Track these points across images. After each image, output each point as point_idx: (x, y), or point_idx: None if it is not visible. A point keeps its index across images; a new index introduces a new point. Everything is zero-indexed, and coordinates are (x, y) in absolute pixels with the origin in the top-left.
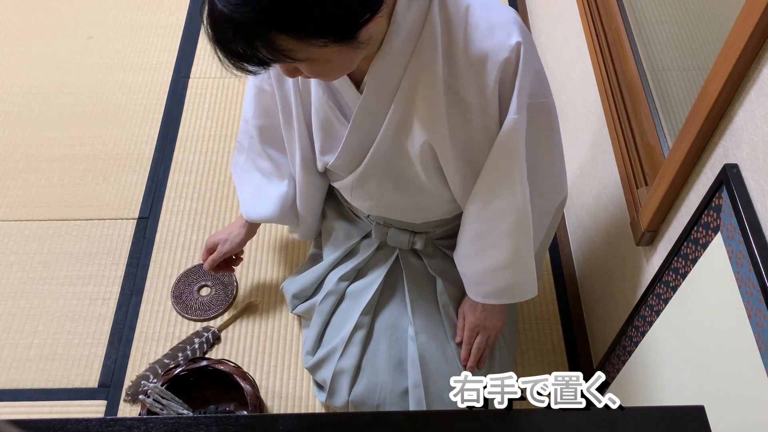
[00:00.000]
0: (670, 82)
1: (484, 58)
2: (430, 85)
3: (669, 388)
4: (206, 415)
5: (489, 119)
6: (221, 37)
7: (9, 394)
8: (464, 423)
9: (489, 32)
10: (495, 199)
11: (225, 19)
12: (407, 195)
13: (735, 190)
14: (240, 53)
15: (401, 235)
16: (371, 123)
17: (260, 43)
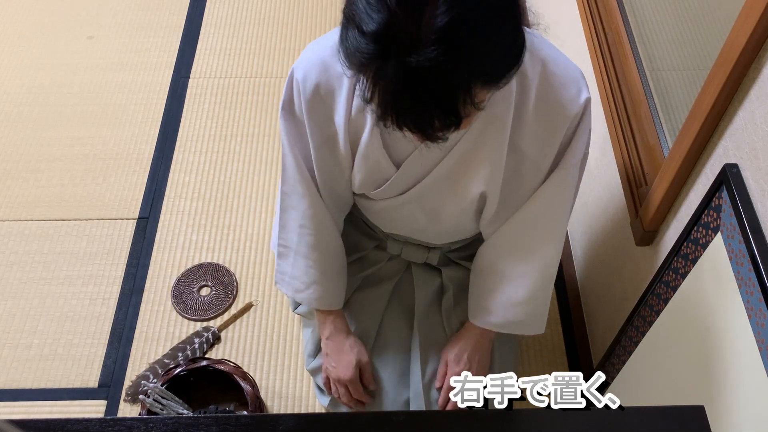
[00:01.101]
0: (670, 82)
1: (555, 113)
2: (498, 137)
3: (669, 388)
4: (206, 415)
5: (540, 171)
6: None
7: (9, 394)
8: (464, 423)
9: (561, 88)
10: (533, 243)
11: (433, 78)
12: (435, 223)
13: (735, 190)
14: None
15: (417, 251)
16: (421, 166)
17: (462, 98)
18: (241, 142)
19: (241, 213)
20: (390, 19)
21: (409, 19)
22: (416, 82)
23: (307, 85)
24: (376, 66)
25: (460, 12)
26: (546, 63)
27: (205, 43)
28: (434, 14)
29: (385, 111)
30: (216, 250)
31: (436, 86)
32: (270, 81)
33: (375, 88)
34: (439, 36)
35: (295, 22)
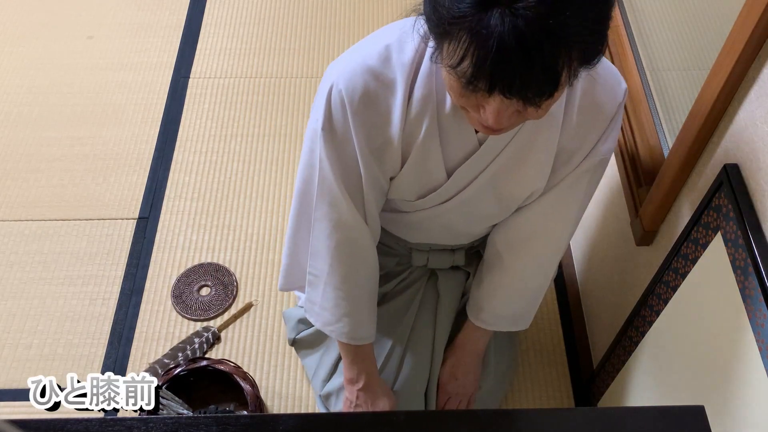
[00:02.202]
0: (670, 82)
1: (598, 106)
2: (550, 137)
3: (669, 388)
4: (206, 415)
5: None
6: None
7: (9, 394)
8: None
9: (603, 83)
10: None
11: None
12: (472, 227)
13: (735, 190)
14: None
15: (443, 256)
16: (472, 172)
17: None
18: (241, 142)
19: (241, 213)
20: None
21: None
22: (520, 36)
23: (356, 95)
24: (474, 19)
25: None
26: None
27: (205, 43)
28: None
29: (479, 69)
30: (216, 250)
31: (541, 40)
32: (270, 81)
33: (470, 45)
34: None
35: (295, 22)
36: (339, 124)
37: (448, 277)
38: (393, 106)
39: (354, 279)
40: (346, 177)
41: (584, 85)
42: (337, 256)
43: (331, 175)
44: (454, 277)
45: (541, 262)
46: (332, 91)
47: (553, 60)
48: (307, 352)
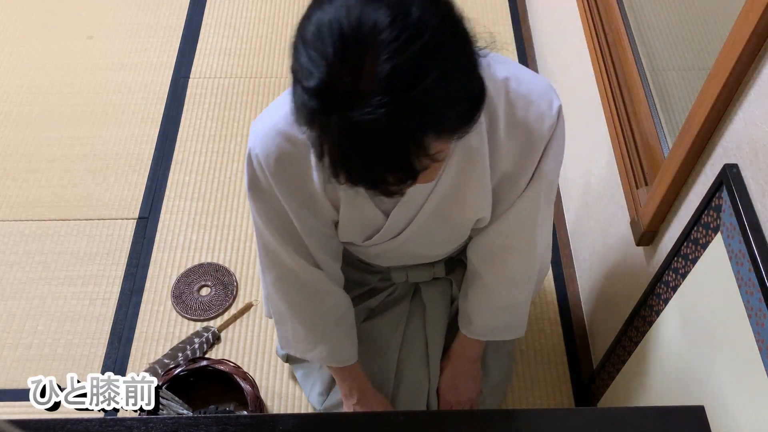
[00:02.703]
0: (670, 82)
1: (527, 130)
2: (478, 170)
3: (669, 388)
4: (206, 415)
5: (519, 186)
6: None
7: (9, 394)
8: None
9: (529, 105)
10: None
11: (377, 133)
12: (433, 250)
13: (735, 190)
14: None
15: (422, 270)
16: (411, 210)
17: (414, 151)
18: (241, 142)
19: (241, 213)
20: (329, 71)
21: (348, 70)
22: (362, 138)
23: (270, 159)
24: (320, 122)
25: (405, 59)
26: (508, 83)
27: (205, 43)
28: (375, 63)
29: (335, 168)
30: (216, 250)
31: (384, 142)
32: (270, 81)
33: (324, 146)
34: (380, 87)
35: (295, 22)
36: (262, 183)
37: (432, 288)
38: (309, 163)
39: (314, 316)
40: (281, 229)
41: (506, 110)
42: (289, 300)
43: (265, 230)
44: (439, 288)
45: (514, 277)
46: (250, 155)
47: (399, 157)
48: (301, 366)
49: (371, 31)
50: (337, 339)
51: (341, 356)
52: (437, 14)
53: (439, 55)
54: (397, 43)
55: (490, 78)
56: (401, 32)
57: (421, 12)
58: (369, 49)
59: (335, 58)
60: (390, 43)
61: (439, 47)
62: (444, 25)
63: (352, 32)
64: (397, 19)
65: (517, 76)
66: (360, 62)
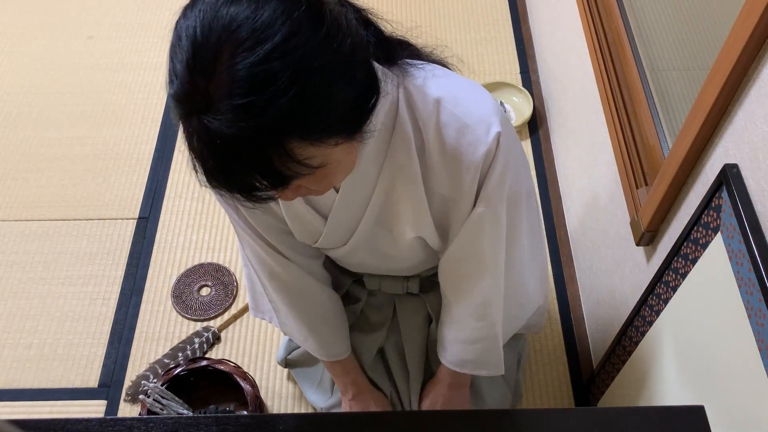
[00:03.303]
0: (670, 82)
1: (459, 156)
2: (410, 186)
3: (669, 388)
4: (206, 415)
5: (461, 211)
6: (225, 164)
7: (9, 394)
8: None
9: (464, 129)
10: (463, 282)
11: (233, 138)
12: (392, 263)
13: (735, 190)
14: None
15: (395, 282)
16: (349, 218)
17: (277, 157)
18: None
19: None
20: (184, 76)
21: (201, 75)
22: (220, 143)
23: None
24: (184, 128)
25: (256, 61)
26: (442, 104)
27: None
28: (227, 67)
29: (205, 175)
30: (216, 250)
31: (241, 146)
32: None
33: (191, 153)
34: (232, 91)
35: None
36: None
37: (406, 303)
38: None
39: (299, 307)
40: (247, 222)
41: (435, 130)
42: (274, 292)
43: (236, 224)
44: (412, 304)
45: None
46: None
47: (261, 163)
48: (300, 370)
49: (221, 36)
50: (325, 333)
51: (330, 351)
52: (295, 13)
53: (294, 56)
54: (248, 44)
55: (422, 95)
56: (251, 34)
57: (273, 12)
58: (220, 53)
59: (189, 62)
60: (240, 45)
61: (294, 48)
62: (303, 25)
63: (204, 37)
64: (248, 21)
65: (454, 96)
66: (212, 67)
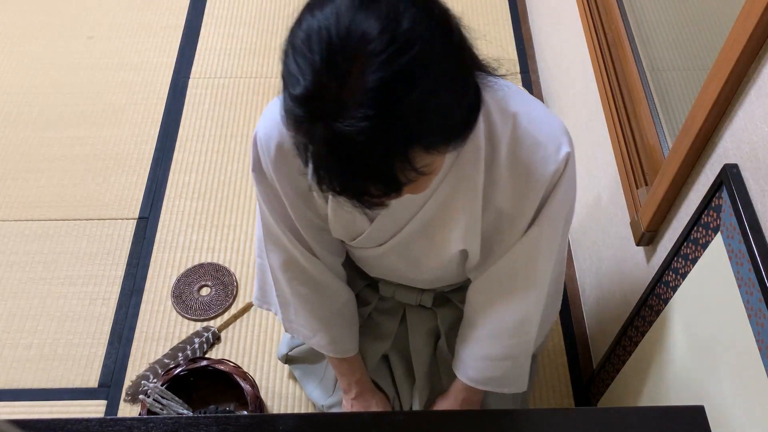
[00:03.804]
0: (670, 82)
1: (529, 173)
2: (469, 197)
3: (669, 388)
4: (206, 415)
5: (517, 227)
6: (347, 169)
7: (9, 394)
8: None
9: (535, 146)
10: (509, 298)
11: (361, 145)
12: (418, 273)
13: (735, 190)
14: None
15: (409, 293)
16: (396, 221)
17: (399, 165)
18: (241, 142)
19: (241, 213)
20: (315, 79)
21: (334, 79)
22: (346, 148)
23: (271, 145)
24: (305, 129)
25: (392, 72)
26: (517, 119)
27: (205, 43)
28: (362, 74)
29: (318, 176)
30: (216, 250)
31: (368, 153)
32: (270, 81)
33: (308, 153)
34: (366, 99)
35: None
36: (263, 167)
37: (417, 313)
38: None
39: (315, 303)
40: (282, 215)
41: (509, 145)
42: (293, 285)
43: (267, 214)
44: (422, 315)
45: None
46: (255, 138)
47: (383, 169)
48: (300, 366)
49: (360, 41)
50: (338, 328)
51: (340, 347)
52: (430, 25)
53: (428, 68)
54: (385, 55)
55: (499, 109)
56: (390, 44)
57: (412, 23)
58: (356, 59)
59: (322, 66)
60: (378, 54)
61: (428, 61)
62: (435, 37)
63: (340, 41)
64: (386, 29)
65: (528, 113)
66: (347, 72)
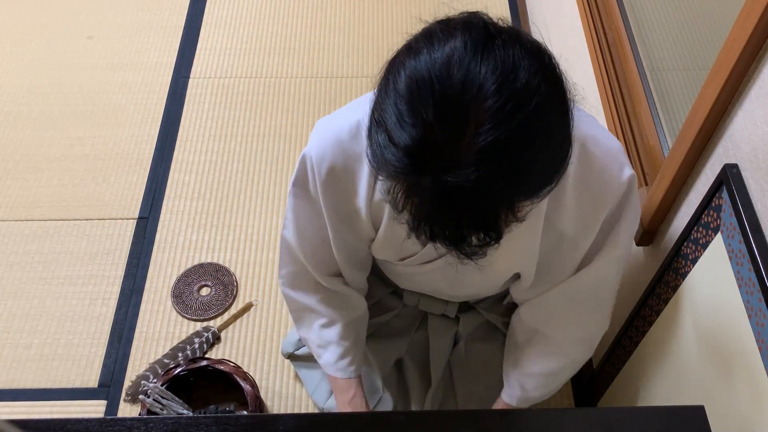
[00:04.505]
0: (670, 82)
1: (595, 196)
2: (533, 221)
3: (669, 388)
4: (206, 415)
5: (579, 249)
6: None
7: (9, 394)
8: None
9: (602, 169)
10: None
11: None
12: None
13: (735, 190)
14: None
15: (434, 303)
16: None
17: (503, 215)
18: (241, 142)
19: (241, 213)
20: (425, 133)
21: (448, 135)
22: (454, 200)
23: (323, 167)
24: (408, 180)
25: (510, 128)
26: (585, 143)
27: (205, 43)
28: (478, 132)
29: (418, 225)
30: (216, 250)
31: (476, 205)
32: (270, 81)
33: (408, 201)
34: (481, 156)
35: (295, 22)
36: (310, 188)
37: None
38: (360, 180)
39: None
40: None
41: (578, 168)
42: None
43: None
44: (444, 323)
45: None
46: (305, 159)
47: (489, 220)
48: (303, 365)
49: (476, 98)
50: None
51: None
52: (545, 78)
53: (543, 124)
54: (503, 113)
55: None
56: (507, 101)
57: (528, 76)
58: (472, 115)
59: (435, 119)
60: (495, 112)
61: (543, 117)
62: (550, 91)
63: (455, 96)
64: (504, 85)
65: (594, 136)
66: (461, 128)
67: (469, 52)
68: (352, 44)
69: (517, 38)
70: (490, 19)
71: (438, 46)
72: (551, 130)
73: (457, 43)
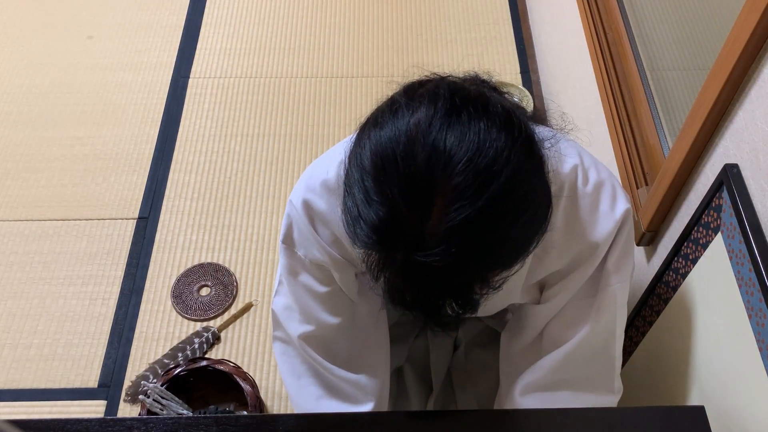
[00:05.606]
0: (670, 82)
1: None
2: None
3: (669, 388)
4: (206, 415)
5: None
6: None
7: (9, 394)
8: (464, 423)
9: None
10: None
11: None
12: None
13: (735, 190)
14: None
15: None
16: None
17: (478, 287)
18: (241, 142)
19: (241, 213)
20: (392, 213)
21: (415, 215)
22: (425, 276)
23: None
24: (379, 255)
25: (480, 207)
26: (575, 180)
27: (205, 43)
28: (446, 212)
29: (392, 297)
30: (216, 250)
31: (448, 280)
32: (270, 81)
33: (380, 274)
34: (450, 235)
35: (295, 22)
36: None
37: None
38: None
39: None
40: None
41: (567, 207)
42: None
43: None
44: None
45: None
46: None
47: (462, 294)
48: None
49: (442, 176)
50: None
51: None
52: (515, 149)
53: (515, 198)
54: (470, 191)
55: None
56: (475, 177)
57: (496, 150)
58: (438, 194)
59: (401, 199)
60: (462, 190)
61: (515, 190)
62: (522, 162)
63: (420, 175)
64: (471, 161)
65: (584, 169)
66: (428, 208)
67: (434, 128)
68: (352, 44)
69: (484, 109)
70: (461, 84)
71: (402, 120)
72: (525, 202)
73: (421, 116)
